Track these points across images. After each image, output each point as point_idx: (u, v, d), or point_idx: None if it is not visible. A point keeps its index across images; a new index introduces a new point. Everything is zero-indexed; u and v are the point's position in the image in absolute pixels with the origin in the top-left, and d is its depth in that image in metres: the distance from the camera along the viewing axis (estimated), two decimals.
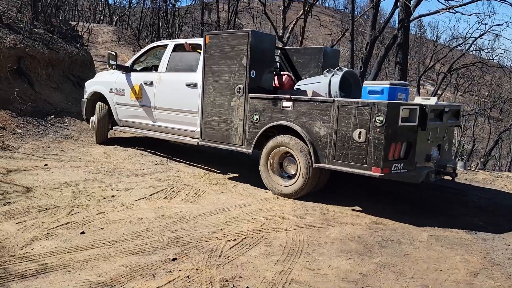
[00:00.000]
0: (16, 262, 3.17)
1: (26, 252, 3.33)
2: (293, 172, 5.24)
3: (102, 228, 3.92)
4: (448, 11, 14.10)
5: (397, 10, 17.48)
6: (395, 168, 4.48)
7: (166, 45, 6.98)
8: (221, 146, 5.88)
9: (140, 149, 7.50)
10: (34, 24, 11.15)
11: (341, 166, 4.68)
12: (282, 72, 6.39)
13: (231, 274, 3.17)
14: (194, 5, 33.96)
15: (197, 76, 6.18)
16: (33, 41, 9.87)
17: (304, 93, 5.60)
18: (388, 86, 4.93)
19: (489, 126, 29.83)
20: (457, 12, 16.60)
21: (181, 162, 6.87)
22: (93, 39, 20.65)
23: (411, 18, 16.89)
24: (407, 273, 3.40)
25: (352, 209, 4.95)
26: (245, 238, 3.87)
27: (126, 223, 4.10)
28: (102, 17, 32.76)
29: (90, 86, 7.97)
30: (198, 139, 6.15)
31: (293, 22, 16.32)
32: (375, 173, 4.41)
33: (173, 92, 6.54)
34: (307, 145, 4.93)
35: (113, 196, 4.91)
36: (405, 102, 4.89)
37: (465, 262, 3.68)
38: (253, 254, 3.55)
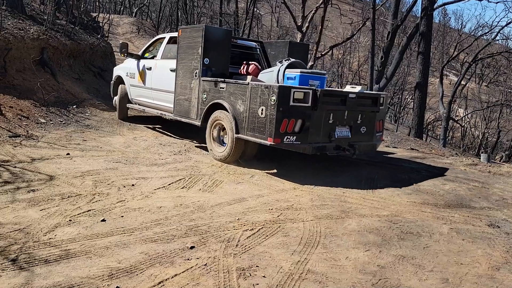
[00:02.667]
0: (40, 247, 3.26)
1: (50, 238, 3.43)
2: (226, 142, 6.18)
3: (122, 216, 4.00)
4: None
5: None
6: (287, 139, 5.35)
7: (164, 37, 8.11)
8: (184, 120, 7.07)
9: (160, 132, 7.59)
10: (56, 15, 11.34)
11: (251, 137, 5.66)
12: (250, 62, 7.12)
13: (248, 263, 3.19)
14: None
15: None
16: (56, 32, 10.04)
17: (243, 78, 6.48)
18: (299, 74, 5.88)
19: None
20: None
21: (200, 151, 6.92)
22: (113, 30, 20.86)
23: (435, 6, 16.44)
24: (426, 266, 3.35)
25: (370, 199, 4.90)
26: (262, 228, 3.89)
27: (145, 211, 4.16)
28: (122, 8, 33.01)
29: (116, 71, 9.45)
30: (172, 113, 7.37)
31: (313, 12, 16.09)
32: (269, 142, 5.33)
33: (162, 76, 7.64)
34: (232, 119, 5.88)
35: (132, 185, 4.99)
36: (297, 86, 5.66)
37: (487, 256, 3.60)
38: (269, 244, 3.56)
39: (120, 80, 9.06)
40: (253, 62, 7.06)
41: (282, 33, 35.01)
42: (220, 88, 6.19)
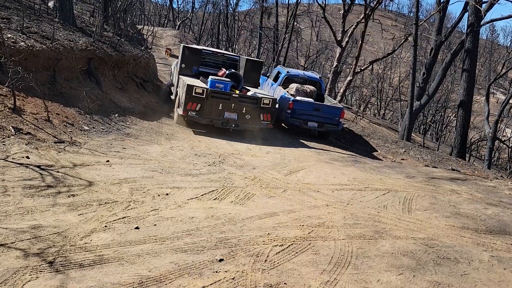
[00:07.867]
0: (76, 251, 3.38)
1: (86, 243, 3.55)
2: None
3: (155, 225, 4.08)
4: None
5: (466, 14, 16.54)
6: (191, 113, 9.02)
7: None
8: (172, 97, 11.02)
9: (200, 138, 7.74)
10: (104, 27, 11.89)
11: (179, 110, 9.30)
12: (221, 68, 10.54)
13: (275, 280, 3.16)
14: (254, 9, 34.39)
15: None
16: (102, 44, 10.52)
17: (199, 77, 10.19)
18: (210, 80, 9.35)
19: None
20: None
21: (234, 163, 6.98)
22: (156, 42, 21.60)
23: (482, 22, 15.89)
24: None
25: (406, 221, 4.74)
26: (292, 244, 3.85)
27: (177, 221, 4.23)
28: (166, 21, 34.19)
29: (171, 66, 13.64)
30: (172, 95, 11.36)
31: (353, 26, 15.97)
32: (181, 113, 9.13)
33: (176, 72, 11.29)
34: (178, 99, 9.68)
35: (167, 194, 5.09)
36: (198, 84, 9.22)
37: None
38: (299, 262, 3.51)
39: (171, 72, 13.18)
40: (223, 69, 10.39)
41: (321, 47, 34.94)
42: (179, 81, 9.92)
